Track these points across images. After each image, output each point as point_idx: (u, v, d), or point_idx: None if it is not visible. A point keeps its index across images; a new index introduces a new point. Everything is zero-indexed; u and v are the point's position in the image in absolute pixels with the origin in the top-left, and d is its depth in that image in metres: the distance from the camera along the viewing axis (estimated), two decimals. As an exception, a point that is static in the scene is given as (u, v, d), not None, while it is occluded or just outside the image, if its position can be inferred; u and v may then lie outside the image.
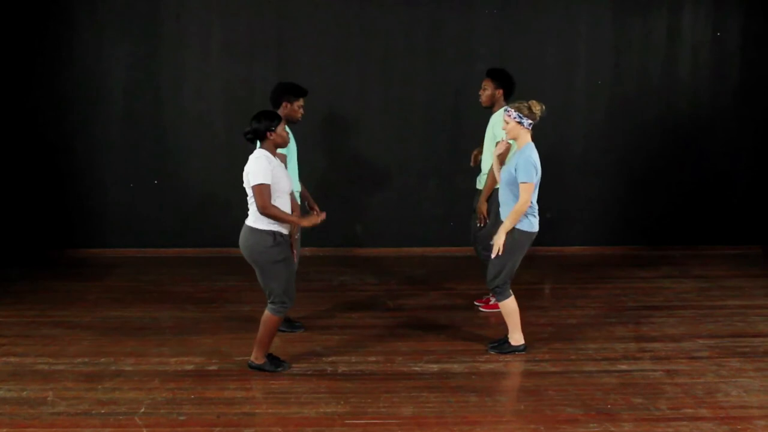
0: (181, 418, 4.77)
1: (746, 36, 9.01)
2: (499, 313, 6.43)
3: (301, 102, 6.14)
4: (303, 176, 6.66)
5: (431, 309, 6.98)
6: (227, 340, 6.11)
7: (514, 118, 5.62)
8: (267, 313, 5.34)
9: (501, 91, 6.63)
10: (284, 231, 5.27)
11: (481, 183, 6.75)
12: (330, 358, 5.73)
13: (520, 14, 8.91)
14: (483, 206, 6.53)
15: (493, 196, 6.47)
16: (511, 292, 5.79)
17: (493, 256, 5.67)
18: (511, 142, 5.88)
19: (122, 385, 5.24)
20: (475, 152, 6.99)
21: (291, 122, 6.08)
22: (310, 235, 9.03)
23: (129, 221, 8.97)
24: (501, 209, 5.78)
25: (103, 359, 5.69)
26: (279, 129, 5.29)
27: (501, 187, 5.74)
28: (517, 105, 5.64)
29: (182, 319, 6.66)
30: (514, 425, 4.68)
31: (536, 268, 8.38)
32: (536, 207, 5.69)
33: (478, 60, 8.90)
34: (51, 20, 8.68)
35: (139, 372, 5.46)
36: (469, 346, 5.96)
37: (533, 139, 5.76)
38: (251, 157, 5.28)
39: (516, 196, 5.59)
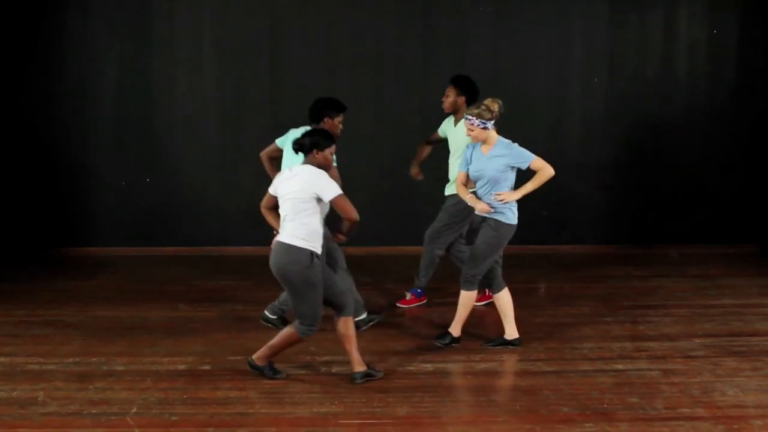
0: (174, 418, 4.72)
1: (743, 34, 9.00)
2: (491, 310, 6.38)
3: (341, 117, 6.20)
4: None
5: (426, 308, 6.94)
6: (220, 340, 6.07)
7: (478, 125, 5.62)
8: (293, 329, 5.18)
9: (463, 98, 6.70)
10: (320, 251, 5.13)
11: (449, 190, 6.76)
12: (324, 358, 5.69)
13: (514, 11, 8.89)
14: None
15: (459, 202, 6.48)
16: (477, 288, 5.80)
17: (496, 199, 5.62)
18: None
19: (114, 385, 5.19)
20: (414, 171, 7.03)
21: None
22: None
23: (121, 220, 8.92)
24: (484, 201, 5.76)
25: (94, 359, 5.65)
26: (327, 151, 5.15)
27: (485, 186, 5.71)
28: (476, 111, 5.64)
29: (174, 318, 6.62)
30: (510, 425, 4.65)
31: (531, 267, 8.37)
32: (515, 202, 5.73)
33: (473, 58, 8.88)
34: (42, 19, 8.62)
35: (131, 372, 5.42)
36: (464, 345, 5.93)
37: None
38: (307, 171, 5.08)
39: (501, 188, 5.67)
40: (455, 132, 6.72)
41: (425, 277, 6.92)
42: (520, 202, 5.80)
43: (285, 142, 6.27)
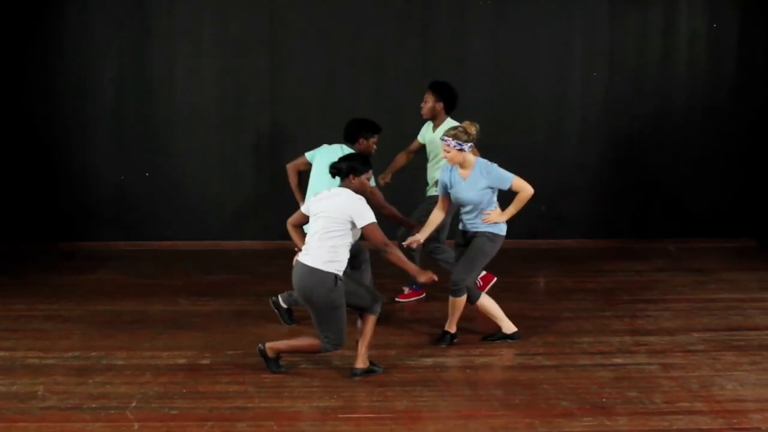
0: (173, 412, 4.72)
1: (743, 29, 8.99)
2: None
3: (375, 138, 6.23)
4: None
5: (425, 303, 6.95)
6: (219, 334, 6.07)
7: (455, 146, 5.56)
8: (318, 343, 5.16)
9: (441, 105, 6.71)
10: (342, 272, 5.12)
11: (431, 192, 6.76)
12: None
13: (514, 8, 8.87)
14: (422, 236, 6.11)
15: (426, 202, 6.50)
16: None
17: (485, 221, 5.62)
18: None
19: (113, 379, 5.19)
20: (385, 177, 7.00)
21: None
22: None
23: (120, 214, 8.92)
24: (469, 223, 5.74)
25: (94, 353, 5.65)
26: (363, 177, 5.17)
27: (470, 209, 5.69)
28: (453, 133, 5.58)
29: (174, 312, 6.62)
30: (509, 419, 4.65)
31: (531, 262, 8.37)
32: None
33: (473, 55, 8.87)
34: (41, 14, 8.60)
35: (130, 366, 5.42)
36: (463, 339, 5.93)
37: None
38: (345, 195, 5.10)
39: (486, 207, 5.65)
40: (434, 137, 6.71)
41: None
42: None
43: (314, 156, 6.25)
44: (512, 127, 8.96)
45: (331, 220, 5.05)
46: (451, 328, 5.88)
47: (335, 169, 5.21)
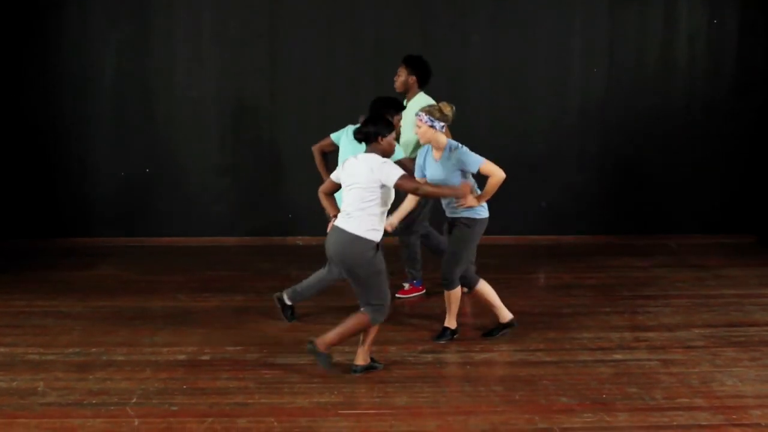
0: (173, 408, 4.73)
1: (743, 24, 8.97)
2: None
3: (400, 116, 6.24)
4: (297, 164, 6.63)
5: (425, 298, 6.95)
6: (219, 330, 6.07)
7: (426, 122, 5.56)
8: (364, 315, 5.14)
9: (414, 78, 6.70)
10: (379, 240, 5.12)
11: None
12: (323, 348, 5.69)
13: (513, 3, 8.85)
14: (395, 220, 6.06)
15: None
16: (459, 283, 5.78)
17: (459, 205, 5.60)
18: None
19: (114, 375, 5.20)
20: None
21: None
22: (303, 225, 9.00)
23: (120, 210, 8.91)
24: (447, 208, 5.74)
25: (94, 349, 5.65)
26: (390, 137, 5.17)
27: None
28: (428, 109, 5.59)
29: (174, 308, 6.63)
30: (509, 415, 4.66)
31: (531, 258, 8.37)
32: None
33: (472, 49, 8.86)
34: (39, 8, 8.59)
35: (130, 362, 5.43)
36: (464, 335, 5.93)
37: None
38: (371, 159, 5.08)
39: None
40: (405, 111, 6.65)
41: (414, 268, 6.89)
42: (518, 192, 5.79)
43: (341, 137, 6.28)
44: (512, 123, 8.95)
45: (363, 190, 5.05)
46: (451, 323, 5.89)
47: (363, 134, 5.18)
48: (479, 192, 5.69)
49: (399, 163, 5.80)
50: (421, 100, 6.67)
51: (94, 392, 4.93)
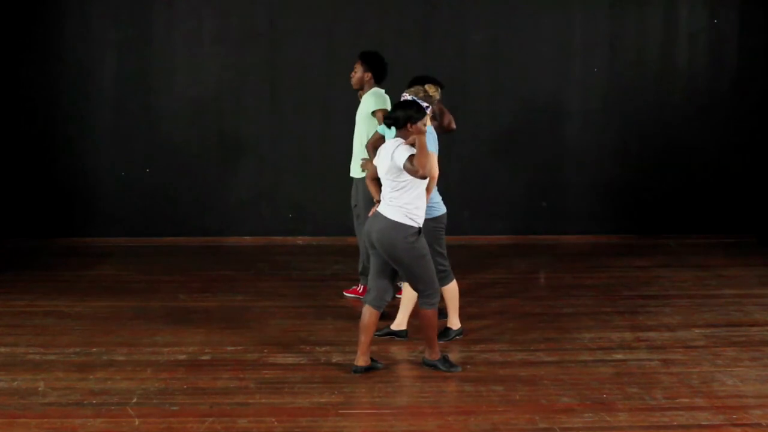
0: (174, 408, 4.73)
1: (743, 24, 8.97)
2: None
3: (439, 95, 6.07)
4: (298, 164, 6.61)
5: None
6: (219, 330, 6.06)
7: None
8: (422, 311, 5.15)
9: (370, 75, 6.67)
10: (422, 224, 5.10)
11: (354, 171, 6.67)
12: (324, 348, 5.69)
13: (515, 1, 8.85)
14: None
15: (360, 187, 6.41)
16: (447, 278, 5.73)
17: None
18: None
19: (114, 375, 5.19)
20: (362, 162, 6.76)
21: None
22: (303, 225, 9.00)
23: (120, 210, 8.91)
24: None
25: (94, 349, 5.65)
26: (420, 123, 5.06)
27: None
28: (413, 89, 5.53)
29: (174, 308, 6.62)
30: (509, 415, 4.66)
31: (531, 257, 8.36)
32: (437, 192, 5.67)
33: (473, 47, 8.86)
34: (40, 7, 8.59)
35: (131, 362, 5.42)
36: (464, 335, 5.93)
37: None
38: (390, 146, 5.06)
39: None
40: (360, 110, 6.66)
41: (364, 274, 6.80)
42: (519, 192, 5.78)
43: (385, 129, 6.26)
44: (512, 122, 8.95)
45: (393, 176, 5.03)
46: (454, 323, 5.86)
47: (391, 120, 5.13)
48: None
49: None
50: (373, 95, 6.63)
51: (95, 392, 4.92)
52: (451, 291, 5.81)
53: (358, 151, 6.66)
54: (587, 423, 4.56)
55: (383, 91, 6.67)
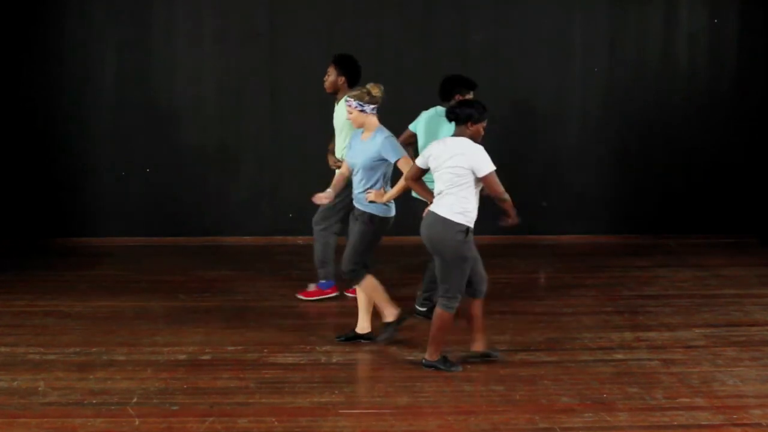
0: (174, 407, 4.73)
1: (744, 23, 8.97)
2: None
3: (471, 95, 6.21)
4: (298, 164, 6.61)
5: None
6: (220, 330, 6.07)
7: (356, 107, 5.56)
8: (439, 310, 5.16)
9: (344, 78, 6.61)
10: (472, 226, 5.11)
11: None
12: (324, 348, 5.69)
13: (515, 1, 8.85)
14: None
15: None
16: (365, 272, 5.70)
17: (367, 198, 5.55)
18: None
19: (114, 374, 5.20)
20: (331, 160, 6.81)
21: None
22: (304, 225, 8.99)
23: (120, 210, 8.91)
24: (356, 194, 5.68)
25: (94, 349, 5.65)
26: (480, 125, 5.16)
27: (359, 177, 5.64)
28: (356, 93, 5.58)
29: (174, 308, 6.62)
30: (509, 414, 4.66)
31: (531, 258, 8.36)
32: None
33: (473, 47, 8.86)
34: (40, 7, 8.59)
35: (131, 362, 5.42)
36: (464, 335, 5.91)
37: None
38: (463, 144, 5.07)
39: (374, 179, 5.56)
40: (336, 112, 6.65)
41: (322, 266, 6.76)
42: (519, 192, 5.78)
43: (417, 126, 6.29)
44: (512, 121, 8.95)
45: (454, 174, 5.04)
46: (389, 315, 5.70)
47: (453, 114, 5.16)
48: (389, 190, 5.62)
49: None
50: None
51: (95, 392, 4.92)
52: (370, 285, 5.67)
53: (336, 154, 6.64)
54: (587, 423, 4.56)
55: None
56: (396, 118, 8.87)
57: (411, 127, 6.37)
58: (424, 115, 6.29)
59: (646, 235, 9.09)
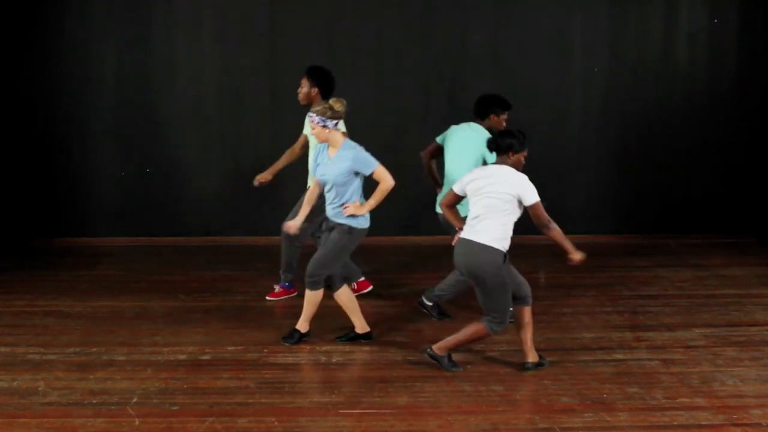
0: (174, 407, 4.73)
1: (744, 23, 8.97)
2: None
3: (506, 115, 6.25)
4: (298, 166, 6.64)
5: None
6: (219, 330, 6.07)
7: (318, 122, 5.53)
8: (482, 326, 5.16)
9: (317, 90, 6.59)
10: (507, 250, 5.14)
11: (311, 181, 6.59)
12: (324, 348, 5.70)
13: (515, 1, 8.85)
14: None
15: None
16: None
17: (344, 212, 5.54)
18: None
19: (114, 374, 5.20)
20: (264, 177, 6.88)
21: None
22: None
23: (121, 210, 8.91)
24: (330, 209, 5.66)
25: (94, 349, 5.65)
26: (520, 154, 5.25)
27: (331, 193, 5.63)
28: (318, 108, 5.56)
29: (174, 308, 6.62)
30: (509, 415, 4.66)
31: (531, 258, 8.35)
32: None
33: (473, 47, 8.85)
34: (40, 7, 8.59)
35: (131, 362, 5.42)
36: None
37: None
38: (509, 173, 5.15)
39: (348, 193, 5.55)
40: (307, 124, 6.63)
41: (289, 271, 6.76)
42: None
43: (445, 139, 6.29)
44: (512, 122, 8.89)
45: (498, 199, 5.07)
46: (303, 326, 5.76)
47: (495, 144, 5.22)
48: (364, 201, 5.61)
49: None
50: None
51: (95, 392, 4.92)
52: (316, 297, 5.69)
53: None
54: (587, 423, 4.56)
55: None
56: (396, 118, 8.97)
57: (438, 139, 6.36)
58: (454, 130, 6.29)
59: (646, 235, 9.09)
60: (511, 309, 5.28)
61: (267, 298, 6.84)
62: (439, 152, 6.37)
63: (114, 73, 8.75)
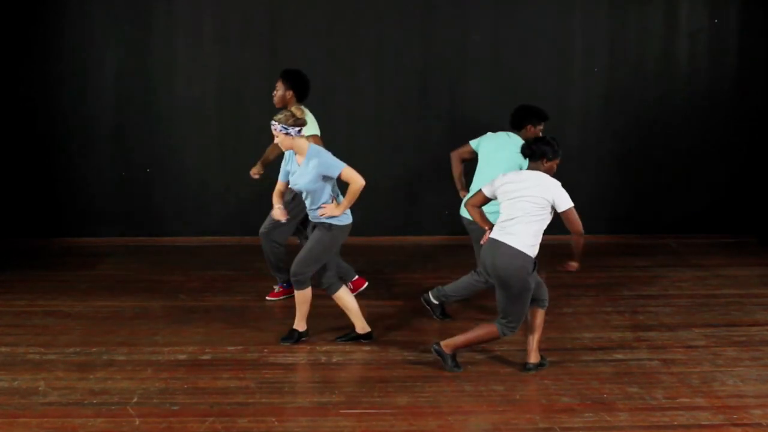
0: (174, 407, 4.73)
1: (744, 23, 8.97)
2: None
3: (542, 126, 6.27)
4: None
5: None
6: (220, 330, 6.07)
7: (281, 130, 5.52)
8: (495, 327, 5.17)
9: (292, 93, 6.61)
10: (535, 256, 5.14)
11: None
12: (324, 348, 5.70)
13: (515, 1, 8.85)
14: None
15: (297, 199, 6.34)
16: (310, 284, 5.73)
17: (320, 214, 5.55)
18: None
19: (114, 374, 5.20)
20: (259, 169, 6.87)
21: None
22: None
23: (121, 210, 8.90)
24: (310, 213, 5.68)
25: (94, 349, 5.65)
26: (554, 162, 5.28)
27: (307, 198, 5.65)
28: (280, 116, 5.54)
29: (174, 308, 6.62)
30: (510, 414, 4.66)
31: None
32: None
33: (473, 48, 8.85)
34: (40, 7, 8.59)
35: (131, 361, 5.43)
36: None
37: None
38: (544, 179, 5.17)
39: (323, 196, 5.56)
40: None
41: (280, 272, 6.70)
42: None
43: (480, 144, 6.29)
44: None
45: (533, 204, 5.08)
46: (300, 326, 5.80)
47: (529, 150, 5.23)
48: (341, 200, 5.61)
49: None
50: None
51: (95, 392, 4.93)
52: (305, 296, 5.72)
53: None
54: (587, 423, 4.56)
55: (308, 111, 6.45)
56: (396, 118, 8.96)
57: (472, 144, 6.34)
58: (490, 137, 6.28)
59: (646, 235, 9.09)
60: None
61: (267, 298, 6.85)
62: (470, 155, 6.36)
63: (114, 73, 8.75)
